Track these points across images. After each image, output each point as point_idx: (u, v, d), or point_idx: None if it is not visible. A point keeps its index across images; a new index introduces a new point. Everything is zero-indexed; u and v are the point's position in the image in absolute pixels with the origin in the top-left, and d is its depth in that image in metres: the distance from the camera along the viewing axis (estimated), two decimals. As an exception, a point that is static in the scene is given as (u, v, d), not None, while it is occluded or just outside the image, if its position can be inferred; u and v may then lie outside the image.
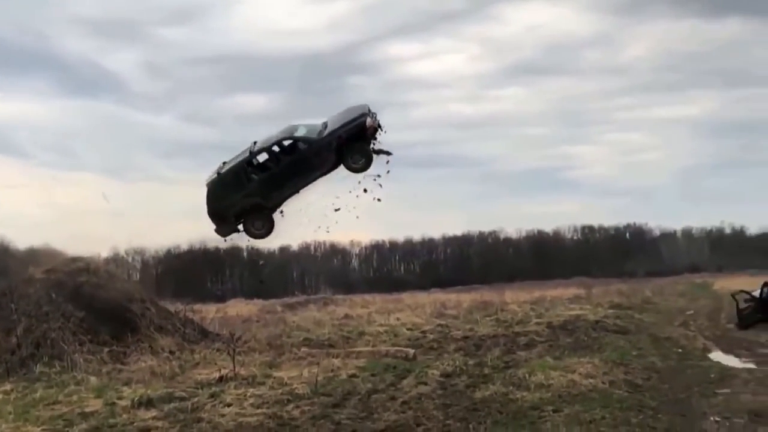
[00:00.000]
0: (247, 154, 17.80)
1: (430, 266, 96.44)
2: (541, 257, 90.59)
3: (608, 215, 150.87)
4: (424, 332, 22.70)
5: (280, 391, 12.69)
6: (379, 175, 17.53)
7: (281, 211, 18.09)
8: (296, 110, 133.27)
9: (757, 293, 26.69)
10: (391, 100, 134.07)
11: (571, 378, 12.92)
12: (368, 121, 17.45)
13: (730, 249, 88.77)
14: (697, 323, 28.42)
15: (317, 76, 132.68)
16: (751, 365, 16.26)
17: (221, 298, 47.54)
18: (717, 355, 18.24)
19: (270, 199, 17.76)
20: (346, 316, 29.19)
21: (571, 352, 16.90)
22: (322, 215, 18.29)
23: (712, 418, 10.59)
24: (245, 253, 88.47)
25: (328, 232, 19.15)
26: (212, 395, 12.53)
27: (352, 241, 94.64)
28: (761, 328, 24.32)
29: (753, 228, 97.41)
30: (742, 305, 26.38)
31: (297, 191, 17.91)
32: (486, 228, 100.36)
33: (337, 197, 17.84)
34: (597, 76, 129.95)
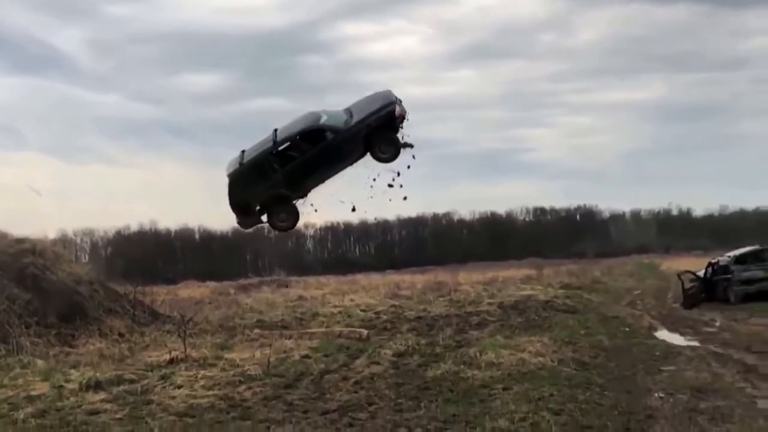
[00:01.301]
0: (270, 143, 17.09)
1: (384, 248, 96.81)
2: (494, 238, 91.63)
3: (560, 197, 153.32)
4: (377, 313, 22.79)
5: (231, 372, 12.60)
6: (399, 173, 17.16)
7: (314, 207, 17.68)
8: (249, 90, 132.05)
9: (701, 273, 27.47)
10: (346, 81, 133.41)
11: (520, 356, 13.10)
12: (398, 109, 16.99)
13: (677, 230, 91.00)
14: (644, 302, 29.16)
15: (270, 55, 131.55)
16: (695, 343, 16.71)
17: (172, 280, 47.01)
18: (662, 334, 18.71)
19: (295, 190, 17.17)
20: (300, 297, 29.15)
21: (522, 332, 17.15)
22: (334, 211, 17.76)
23: (656, 395, 10.84)
24: (197, 235, 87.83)
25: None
26: (162, 377, 12.38)
27: (306, 223, 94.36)
28: (705, 307, 25.06)
29: (699, 210, 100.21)
30: (688, 285, 27.14)
31: (323, 181, 17.48)
32: (440, 210, 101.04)
33: (342, 202, 17.54)
34: (549, 60, 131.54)
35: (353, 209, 17.72)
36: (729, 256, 26.96)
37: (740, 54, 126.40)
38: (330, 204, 17.72)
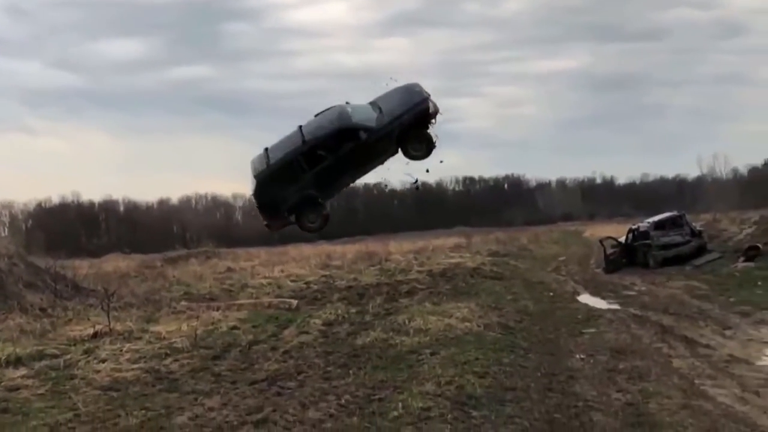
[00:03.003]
0: (299, 142, 16.47)
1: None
2: (425, 208, 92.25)
3: (489, 166, 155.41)
4: (308, 283, 22.75)
5: (157, 345, 12.41)
6: (417, 180, 17.17)
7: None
8: (172, 57, 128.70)
9: (623, 239, 28.35)
10: (272, 49, 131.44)
11: (448, 322, 13.30)
12: (431, 106, 16.55)
13: (601, 198, 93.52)
14: (568, 268, 29.97)
15: (194, 22, 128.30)
16: (616, 306, 17.26)
17: (96, 254, 45.82)
18: (585, 298, 19.29)
19: (326, 191, 16.80)
20: (229, 269, 28.85)
21: (450, 298, 17.39)
22: None
23: (577, 356, 11.18)
24: (121, 207, 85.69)
25: None
26: (86, 351, 12.11)
27: (234, 193, 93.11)
28: (626, 271, 25.92)
29: (622, 178, 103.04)
30: (610, 251, 27.97)
31: (354, 181, 17.10)
32: (371, 180, 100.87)
33: None
34: (477, 29, 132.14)
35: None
36: (648, 222, 27.83)
37: (660, 25, 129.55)
38: None
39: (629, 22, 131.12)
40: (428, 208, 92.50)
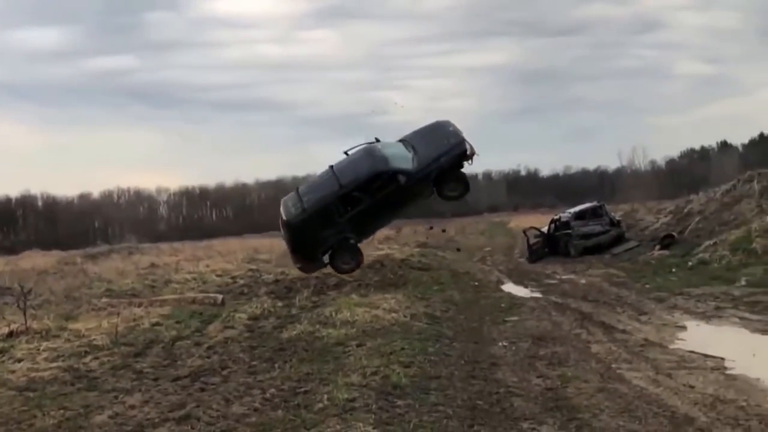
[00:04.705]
0: (336, 186, 16.37)
1: (243, 212, 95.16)
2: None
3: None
4: (234, 278, 22.37)
5: (77, 343, 12.05)
6: (444, 229, 17.07)
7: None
8: (92, 47, 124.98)
9: (545, 229, 29.03)
10: (197, 39, 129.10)
11: (375, 313, 13.34)
12: (468, 148, 16.48)
13: (525, 190, 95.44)
14: (493, 258, 30.51)
15: (115, 10, 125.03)
16: (538, 294, 17.68)
17: (13, 250, 44.18)
18: (509, 287, 19.67)
19: (362, 233, 16.92)
20: (152, 265, 28.13)
21: (378, 290, 17.44)
22: None
23: (500, 343, 11.41)
24: (40, 202, 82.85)
25: None
26: (0, 351, 11.70)
27: (158, 187, 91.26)
28: (548, 260, 26.57)
29: (545, 170, 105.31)
30: (533, 240, 28.62)
31: (390, 222, 16.90)
32: (300, 172, 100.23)
33: None
34: (405, 22, 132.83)
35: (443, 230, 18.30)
36: (569, 213, 28.57)
37: (581, 19, 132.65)
38: None
39: (552, 17, 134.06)
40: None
